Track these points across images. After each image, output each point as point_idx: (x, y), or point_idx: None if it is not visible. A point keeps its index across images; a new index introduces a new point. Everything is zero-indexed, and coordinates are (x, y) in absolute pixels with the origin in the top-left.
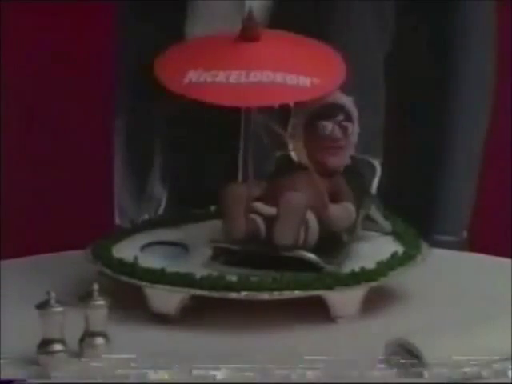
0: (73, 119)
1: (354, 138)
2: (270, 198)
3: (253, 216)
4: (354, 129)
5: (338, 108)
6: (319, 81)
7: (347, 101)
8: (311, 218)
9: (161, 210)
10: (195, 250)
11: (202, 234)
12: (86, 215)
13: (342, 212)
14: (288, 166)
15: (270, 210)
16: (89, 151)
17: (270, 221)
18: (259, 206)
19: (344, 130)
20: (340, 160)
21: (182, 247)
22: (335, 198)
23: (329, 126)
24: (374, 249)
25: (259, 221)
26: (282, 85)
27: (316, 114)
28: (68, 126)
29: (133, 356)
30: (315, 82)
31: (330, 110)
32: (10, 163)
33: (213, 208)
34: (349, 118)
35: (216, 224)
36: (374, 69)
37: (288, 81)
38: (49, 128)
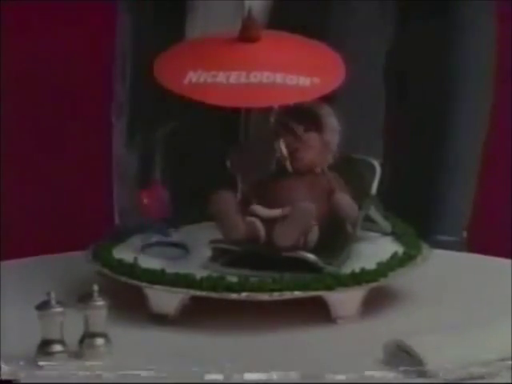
0: (72, 119)
1: (327, 140)
2: (269, 199)
3: (251, 219)
4: (323, 132)
5: (300, 112)
6: (319, 81)
7: (317, 106)
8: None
9: None
10: (195, 250)
11: (201, 234)
12: (85, 216)
13: (348, 199)
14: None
15: (269, 213)
16: (89, 151)
17: (269, 223)
18: (258, 208)
19: (293, 132)
20: (298, 162)
21: (182, 248)
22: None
23: (282, 129)
24: (374, 249)
25: (258, 224)
26: (282, 85)
27: (279, 118)
28: (68, 126)
29: (132, 356)
30: (315, 82)
31: (291, 114)
32: (10, 163)
33: None
34: (313, 122)
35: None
36: (374, 69)
37: (288, 81)
38: (48, 128)
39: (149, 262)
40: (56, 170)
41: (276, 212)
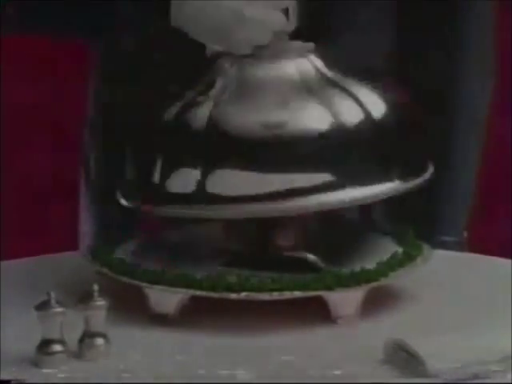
0: (73, 119)
1: None
2: None
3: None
4: None
5: None
6: None
7: None
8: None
9: None
10: (195, 250)
11: (202, 234)
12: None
13: None
14: None
15: None
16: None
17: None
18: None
19: None
20: None
21: (182, 248)
22: None
23: None
24: (374, 249)
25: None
26: None
27: None
28: (68, 126)
29: (132, 356)
30: None
31: None
32: (10, 164)
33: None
34: None
35: (216, 224)
36: (374, 68)
37: None
38: (48, 128)
39: (149, 262)
40: (56, 170)
41: None
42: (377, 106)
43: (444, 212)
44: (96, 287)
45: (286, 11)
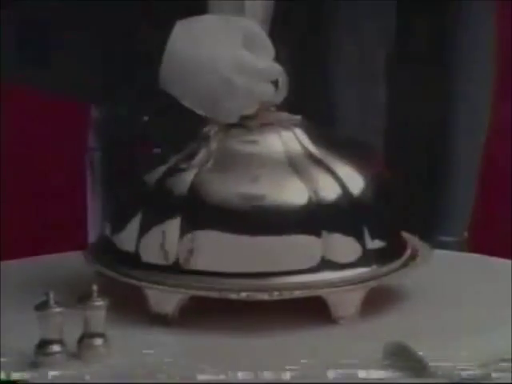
0: (74, 119)
1: None
2: None
3: None
4: None
5: None
6: None
7: None
8: None
9: None
10: None
11: None
12: (86, 216)
13: None
14: None
15: None
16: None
17: None
18: None
19: None
20: None
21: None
22: None
23: None
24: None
25: None
26: None
27: None
28: (70, 126)
29: (132, 357)
30: None
31: None
32: (10, 163)
33: None
34: None
35: None
36: (374, 69)
37: None
38: (49, 127)
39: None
40: (57, 170)
41: None
42: (357, 184)
43: (444, 212)
44: (95, 287)
45: (275, 83)
